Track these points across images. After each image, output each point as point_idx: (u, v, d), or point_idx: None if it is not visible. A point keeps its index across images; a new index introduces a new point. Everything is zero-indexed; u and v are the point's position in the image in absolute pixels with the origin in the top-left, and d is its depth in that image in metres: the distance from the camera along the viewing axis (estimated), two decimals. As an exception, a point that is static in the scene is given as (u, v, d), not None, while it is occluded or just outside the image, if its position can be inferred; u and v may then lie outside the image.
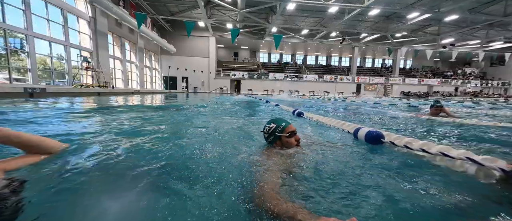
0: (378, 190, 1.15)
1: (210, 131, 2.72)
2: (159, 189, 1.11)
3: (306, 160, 1.55)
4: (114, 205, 0.98)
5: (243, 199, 1.01)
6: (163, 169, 1.35)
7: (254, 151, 1.71)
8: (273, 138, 1.68)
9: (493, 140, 2.52)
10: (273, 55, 36.06)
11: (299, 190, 1.14)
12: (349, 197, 1.08)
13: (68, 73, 13.00)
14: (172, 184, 1.15)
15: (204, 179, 1.21)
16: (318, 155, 1.69)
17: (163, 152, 1.73)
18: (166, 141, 2.12)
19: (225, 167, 1.41)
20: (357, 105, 9.15)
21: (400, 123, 4.04)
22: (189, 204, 0.97)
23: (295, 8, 17.73)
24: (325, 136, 2.58)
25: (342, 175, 1.35)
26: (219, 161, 1.54)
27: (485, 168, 1.23)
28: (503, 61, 31.71)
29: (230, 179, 1.21)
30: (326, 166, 1.47)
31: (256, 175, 1.22)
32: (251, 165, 1.39)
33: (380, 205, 1.01)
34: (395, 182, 1.27)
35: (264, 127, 1.75)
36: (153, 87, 25.34)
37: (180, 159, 1.60)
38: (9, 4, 9.53)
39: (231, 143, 2.06)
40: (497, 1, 16.08)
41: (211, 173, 1.29)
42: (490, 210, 1.02)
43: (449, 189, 1.19)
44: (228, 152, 1.75)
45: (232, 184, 1.14)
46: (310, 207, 0.98)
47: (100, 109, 5.51)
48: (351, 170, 1.43)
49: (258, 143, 2.04)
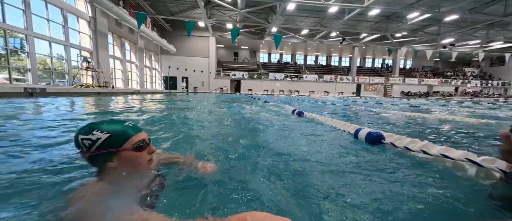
0: (377, 190, 1.15)
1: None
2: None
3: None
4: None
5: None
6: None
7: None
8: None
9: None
10: (273, 55, 36.05)
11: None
12: (349, 198, 1.09)
13: (68, 73, 13.00)
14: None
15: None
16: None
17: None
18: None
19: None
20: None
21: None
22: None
23: (295, 8, 17.72)
24: (322, 136, 2.58)
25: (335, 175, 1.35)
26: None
27: (485, 169, 1.23)
28: (503, 61, 31.72)
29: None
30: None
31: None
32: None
33: (379, 205, 1.01)
34: (393, 183, 1.27)
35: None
36: (153, 87, 25.34)
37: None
38: (9, 4, 9.52)
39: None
40: (497, 1, 16.08)
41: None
42: (490, 211, 1.02)
43: (448, 190, 1.19)
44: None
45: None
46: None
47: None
48: (349, 170, 1.43)
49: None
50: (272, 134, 2.73)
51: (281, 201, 1.04)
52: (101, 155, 0.87)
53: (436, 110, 7.41)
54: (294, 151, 1.84)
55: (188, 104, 7.05)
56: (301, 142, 2.28)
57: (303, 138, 2.45)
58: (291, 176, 1.34)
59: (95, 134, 0.86)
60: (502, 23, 19.05)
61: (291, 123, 3.56)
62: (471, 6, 16.70)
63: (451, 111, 7.21)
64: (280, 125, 3.37)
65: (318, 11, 19.72)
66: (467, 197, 1.14)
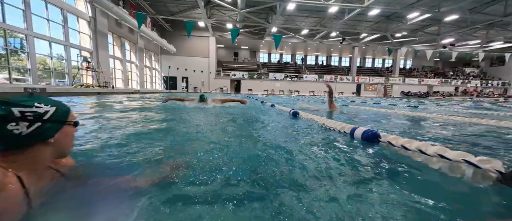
0: (375, 191, 1.16)
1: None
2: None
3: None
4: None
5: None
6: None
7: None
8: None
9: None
10: (273, 55, 36.06)
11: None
12: (347, 199, 1.09)
13: (68, 73, 13.01)
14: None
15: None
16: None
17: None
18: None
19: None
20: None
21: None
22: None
23: (295, 8, 17.73)
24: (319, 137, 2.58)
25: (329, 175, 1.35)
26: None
27: (482, 169, 1.23)
28: (503, 61, 31.71)
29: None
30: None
31: None
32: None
33: (377, 206, 1.01)
34: (387, 182, 1.27)
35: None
36: (153, 87, 25.36)
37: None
38: (9, 4, 9.54)
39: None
40: (497, 1, 16.08)
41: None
42: (487, 212, 1.03)
43: (445, 190, 1.19)
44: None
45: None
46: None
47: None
48: (347, 170, 1.43)
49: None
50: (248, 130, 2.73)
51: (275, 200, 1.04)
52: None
53: (434, 110, 7.41)
54: (280, 146, 1.84)
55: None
56: (284, 138, 2.29)
57: (285, 134, 2.45)
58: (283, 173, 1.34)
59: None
60: (502, 23, 19.05)
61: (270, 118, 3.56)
62: (471, 6, 16.71)
63: (451, 111, 7.21)
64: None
65: (318, 11, 19.73)
66: (463, 198, 1.14)
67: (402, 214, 0.96)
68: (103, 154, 1.66)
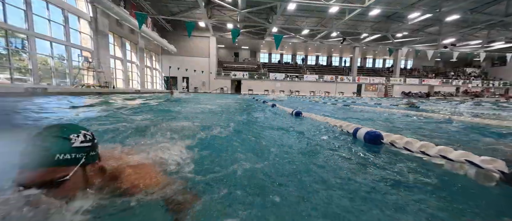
0: (374, 191, 1.15)
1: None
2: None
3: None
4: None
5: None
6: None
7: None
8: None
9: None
10: (273, 55, 36.04)
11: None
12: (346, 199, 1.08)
13: (69, 73, 13.03)
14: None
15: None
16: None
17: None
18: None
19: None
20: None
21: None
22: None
23: (295, 8, 17.72)
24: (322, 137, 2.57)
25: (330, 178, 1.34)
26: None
27: (485, 170, 1.23)
28: (505, 62, 31.58)
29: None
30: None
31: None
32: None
33: (375, 205, 1.01)
34: (390, 183, 1.27)
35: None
36: (154, 87, 25.37)
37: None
38: (10, 4, 9.56)
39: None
40: (498, 1, 16.04)
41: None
42: (490, 212, 1.02)
43: (448, 191, 1.18)
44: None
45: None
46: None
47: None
48: (346, 171, 1.42)
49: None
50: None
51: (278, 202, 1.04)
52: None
53: (436, 109, 7.39)
54: (288, 150, 1.84)
55: (187, 101, 7.15)
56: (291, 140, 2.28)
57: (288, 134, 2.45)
58: (290, 176, 1.34)
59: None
60: (504, 23, 18.99)
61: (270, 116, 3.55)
62: (472, 6, 16.66)
63: (452, 111, 7.19)
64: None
65: (318, 11, 19.71)
66: (466, 198, 1.14)
67: (403, 214, 0.95)
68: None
